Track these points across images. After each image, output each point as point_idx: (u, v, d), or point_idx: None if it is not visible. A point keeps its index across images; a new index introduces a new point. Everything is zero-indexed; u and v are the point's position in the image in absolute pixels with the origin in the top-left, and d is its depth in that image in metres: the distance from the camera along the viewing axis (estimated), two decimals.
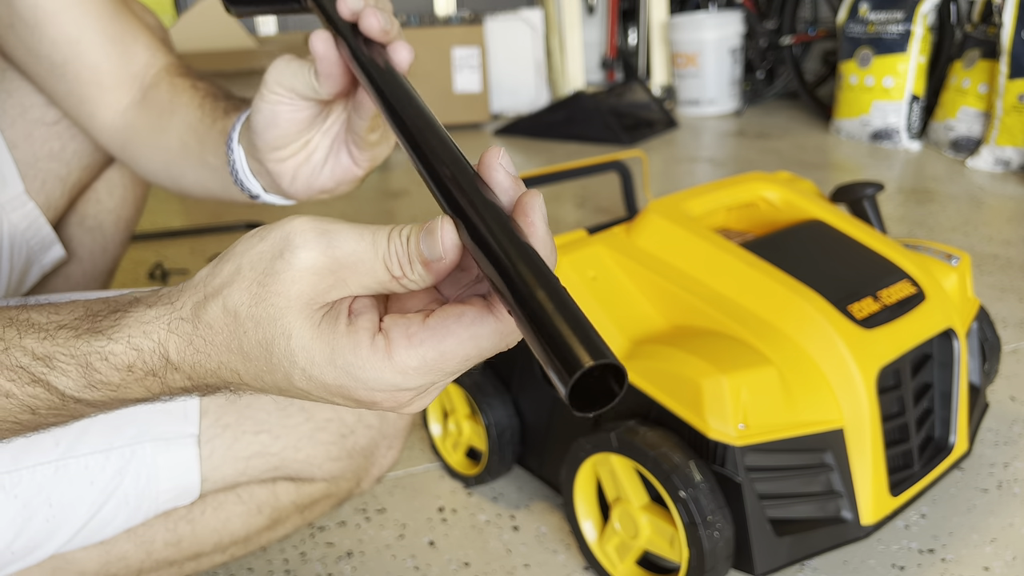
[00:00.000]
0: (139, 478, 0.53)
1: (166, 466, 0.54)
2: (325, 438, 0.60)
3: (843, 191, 0.95)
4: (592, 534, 0.76)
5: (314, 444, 0.59)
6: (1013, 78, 2.14)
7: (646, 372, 0.70)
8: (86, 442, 0.51)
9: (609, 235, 0.83)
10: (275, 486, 0.62)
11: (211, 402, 0.55)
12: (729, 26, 3.07)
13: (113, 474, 0.52)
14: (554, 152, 2.63)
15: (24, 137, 0.73)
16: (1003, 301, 1.36)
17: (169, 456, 0.54)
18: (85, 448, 0.51)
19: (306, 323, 0.30)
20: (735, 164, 2.41)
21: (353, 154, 0.50)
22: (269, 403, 0.58)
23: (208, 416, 0.55)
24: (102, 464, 0.52)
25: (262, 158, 0.50)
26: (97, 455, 0.52)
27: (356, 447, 0.61)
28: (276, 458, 0.58)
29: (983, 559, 0.77)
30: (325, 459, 0.60)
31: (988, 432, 0.98)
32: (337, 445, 0.60)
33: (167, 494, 0.55)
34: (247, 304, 0.31)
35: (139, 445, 0.53)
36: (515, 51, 3.24)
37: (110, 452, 0.52)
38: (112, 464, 0.52)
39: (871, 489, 0.68)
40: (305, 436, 0.59)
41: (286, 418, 0.58)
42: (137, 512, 0.54)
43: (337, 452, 0.60)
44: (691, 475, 0.64)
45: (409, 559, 0.80)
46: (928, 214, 1.85)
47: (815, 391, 0.68)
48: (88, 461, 0.51)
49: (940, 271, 0.83)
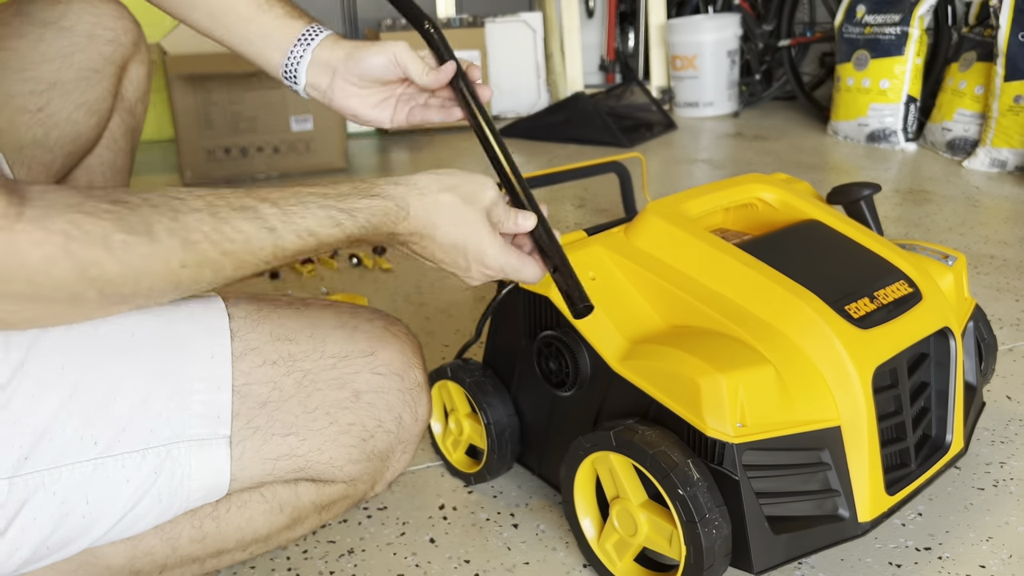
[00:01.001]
0: (173, 477, 0.55)
1: (199, 466, 0.55)
2: (347, 441, 0.61)
3: (840, 192, 0.95)
4: (591, 532, 0.76)
5: (337, 447, 0.61)
6: (1009, 80, 2.15)
7: (645, 371, 0.71)
8: (124, 442, 0.52)
9: (608, 236, 0.83)
10: (297, 486, 0.63)
11: (243, 404, 0.57)
12: (727, 28, 3.08)
13: (148, 473, 0.54)
14: (553, 153, 2.64)
15: (8, 124, 0.74)
16: (999, 301, 1.36)
17: (202, 456, 0.55)
18: (123, 447, 0.52)
19: (485, 221, 0.62)
20: (733, 165, 2.41)
21: (390, 117, 0.75)
22: (297, 407, 0.59)
23: (240, 418, 0.57)
24: (138, 463, 0.53)
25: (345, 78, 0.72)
26: (134, 454, 0.53)
27: (375, 450, 0.63)
28: (302, 460, 0.60)
29: (979, 557, 0.78)
30: (346, 461, 0.62)
31: (984, 431, 0.98)
32: (358, 448, 0.62)
33: (198, 492, 0.56)
34: (457, 201, 0.61)
35: (174, 445, 0.54)
36: (515, 54, 3.24)
37: (147, 452, 0.53)
38: (148, 463, 0.53)
39: (868, 487, 0.69)
40: (329, 439, 0.61)
41: (312, 422, 0.60)
42: (168, 510, 0.56)
43: (357, 455, 0.62)
44: (689, 473, 0.65)
45: (410, 556, 0.81)
46: (924, 215, 1.86)
47: (812, 390, 0.69)
48: (125, 460, 0.53)
49: (936, 271, 0.84)
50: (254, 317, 0.60)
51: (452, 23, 3.04)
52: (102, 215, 0.45)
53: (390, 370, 0.63)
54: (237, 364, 0.57)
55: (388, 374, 0.63)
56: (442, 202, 0.60)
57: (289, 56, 0.73)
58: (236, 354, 0.57)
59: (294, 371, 0.59)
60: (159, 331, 0.55)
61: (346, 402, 0.61)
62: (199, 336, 0.56)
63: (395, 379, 0.63)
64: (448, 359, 1.16)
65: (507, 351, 0.87)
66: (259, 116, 2.42)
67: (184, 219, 0.48)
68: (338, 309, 0.65)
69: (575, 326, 0.76)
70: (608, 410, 0.75)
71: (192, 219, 0.48)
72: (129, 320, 0.54)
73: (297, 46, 0.73)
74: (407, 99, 0.75)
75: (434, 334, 1.31)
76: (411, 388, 0.64)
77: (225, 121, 2.37)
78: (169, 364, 0.54)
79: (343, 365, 0.61)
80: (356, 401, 0.61)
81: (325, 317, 0.63)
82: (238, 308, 0.60)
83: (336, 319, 0.63)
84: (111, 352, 0.53)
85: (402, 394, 0.64)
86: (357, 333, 0.63)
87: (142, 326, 0.54)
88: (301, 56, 0.73)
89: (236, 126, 2.39)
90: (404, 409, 0.64)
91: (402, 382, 0.64)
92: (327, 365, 0.61)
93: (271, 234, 0.51)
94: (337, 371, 0.61)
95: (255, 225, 0.51)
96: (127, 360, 0.53)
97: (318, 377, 0.60)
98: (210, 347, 0.56)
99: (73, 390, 0.51)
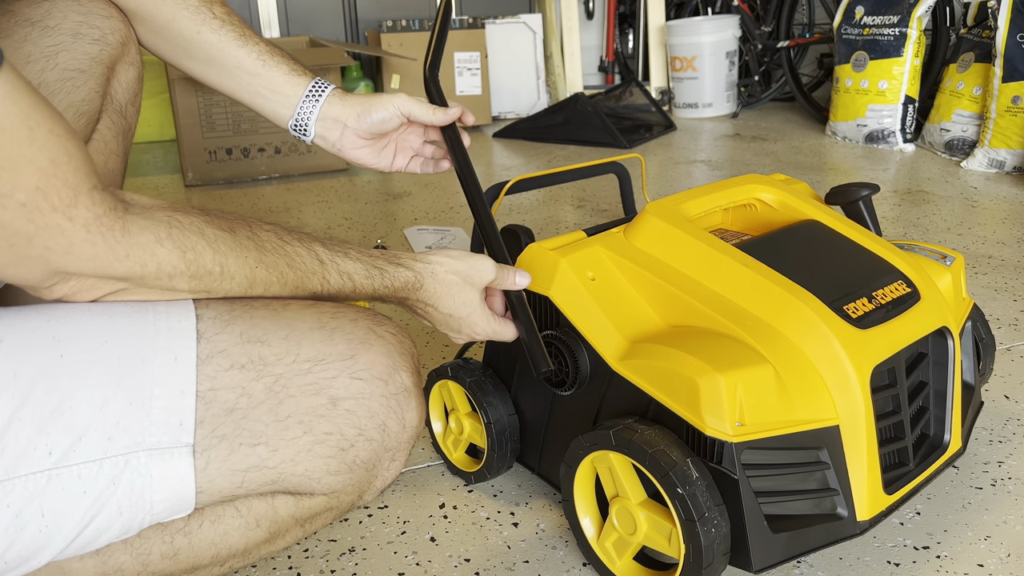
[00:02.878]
0: (132, 488, 0.52)
1: (160, 476, 0.53)
2: (324, 451, 0.58)
3: (838, 193, 0.96)
4: (591, 530, 0.77)
5: (312, 457, 0.58)
6: (1007, 81, 2.16)
7: (644, 371, 0.71)
8: (80, 451, 0.50)
9: (607, 236, 0.84)
10: (274, 499, 0.61)
11: (207, 411, 0.54)
12: (726, 30, 3.09)
13: (106, 484, 0.51)
14: (553, 154, 2.65)
15: None
16: (997, 301, 1.37)
17: (163, 466, 0.53)
18: (78, 457, 0.50)
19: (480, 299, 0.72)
20: (731, 166, 2.42)
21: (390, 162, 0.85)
22: (266, 415, 0.56)
23: (204, 426, 0.54)
24: (95, 473, 0.51)
25: (356, 131, 0.80)
26: (90, 464, 0.51)
27: (357, 460, 0.60)
28: (274, 471, 0.57)
29: (978, 556, 0.78)
30: (324, 473, 0.59)
31: (982, 430, 0.99)
32: (336, 459, 0.59)
33: (162, 505, 0.54)
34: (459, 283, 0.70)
35: (133, 455, 0.52)
36: (515, 55, 3.25)
37: (103, 462, 0.51)
38: (105, 474, 0.51)
39: (866, 486, 0.69)
40: (303, 449, 0.57)
41: (283, 431, 0.57)
42: (132, 523, 0.53)
43: (336, 466, 0.59)
44: (688, 472, 0.65)
45: (411, 555, 0.81)
46: (923, 215, 1.86)
47: (811, 389, 0.69)
48: (81, 471, 0.50)
49: (934, 271, 0.84)
50: (224, 318, 0.57)
51: (452, 24, 3.04)
52: (193, 214, 0.54)
53: (372, 374, 0.60)
54: (203, 368, 0.54)
55: (370, 379, 0.60)
56: (449, 282, 0.69)
57: (298, 111, 0.80)
58: (202, 357, 0.54)
59: (264, 376, 0.56)
60: (120, 333, 0.53)
61: (322, 409, 0.58)
62: (162, 338, 0.54)
63: (378, 384, 0.60)
64: (448, 359, 1.17)
65: (507, 351, 0.87)
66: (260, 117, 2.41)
67: (256, 230, 0.58)
68: (319, 309, 0.61)
69: (575, 326, 0.77)
70: (607, 409, 0.76)
71: (262, 232, 0.58)
72: (88, 322, 0.53)
73: (306, 102, 0.79)
74: (404, 148, 0.85)
75: (435, 334, 1.31)
76: (396, 393, 0.61)
77: (226, 122, 2.38)
78: (129, 368, 0.52)
79: (319, 369, 0.58)
80: (333, 408, 0.58)
81: (303, 318, 0.60)
82: (208, 308, 0.57)
83: (315, 320, 0.60)
84: (67, 357, 0.51)
85: (386, 399, 0.60)
86: (337, 335, 0.60)
87: (101, 328, 0.53)
88: (311, 112, 0.80)
89: (237, 127, 2.39)
90: (388, 416, 0.61)
91: (386, 387, 0.60)
92: (301, 369, 0.57)
93: (320, 266, 0.61)
94: (312, 376, 0.58)
95: (309, 253, 0.60)
96: (84, 365, 0.51)
97: (291, 382, 0.57)
98: (174, 349, 0.54)
99: (26, 397, 0.49)
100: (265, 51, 0.78)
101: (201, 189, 2.36)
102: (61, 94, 0.78)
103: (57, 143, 0.44)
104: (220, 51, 0.76)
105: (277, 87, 0.79)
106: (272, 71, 0.78)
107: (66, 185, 0.44)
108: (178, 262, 0.52)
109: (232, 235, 0.55)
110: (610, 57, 3.72)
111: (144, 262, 0.50)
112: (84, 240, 0.46)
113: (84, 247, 0.47)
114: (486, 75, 3.06)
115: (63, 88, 0.78)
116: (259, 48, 0.78)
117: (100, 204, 0.47)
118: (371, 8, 3.29)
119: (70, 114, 0.79)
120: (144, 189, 2.38)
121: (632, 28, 3.66)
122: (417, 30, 2.99)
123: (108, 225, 0.47)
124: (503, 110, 3.26)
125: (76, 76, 0.78)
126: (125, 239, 0.48)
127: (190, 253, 0.52)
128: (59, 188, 0.44)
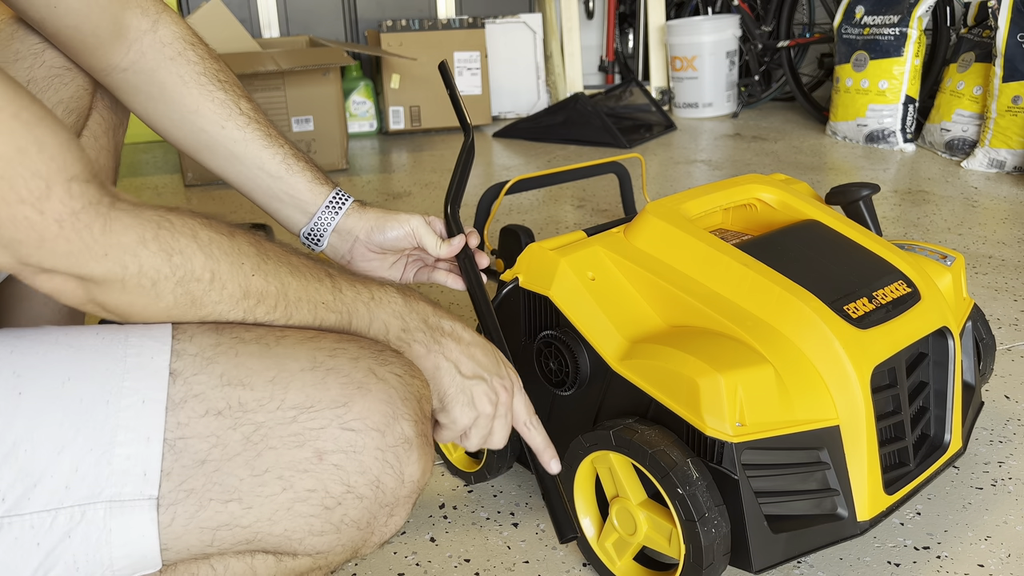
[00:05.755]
0: (88, 542, 0.48)
1: (119, 530, 0.48)
2: (306, 510, 0.52)
3: (839, 193, 0.96)
4: (591, 531, 0.76)
5: (292, 517, 0.52)
6: (1007, 81, 2.15)
7: (644, 371, 0.71)
8: (34, 500, 0.47)
9: (607, 236, 0.84)
10: (252, 559, 0.55)
11: (176, 462, 0.49)
12: (726, 30, 3.09)
13: (61, 536, 0.47)
14: (553, 154, 2.65)
15: None
16: (998, 301, 1.37)
17: (122, 520, 0.48)
18: (32, 506, 0.47)
19: None
20: (732, 166, 2.42)
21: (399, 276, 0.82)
22: (242, 468, 0.51)
23: (171, 479, 0.49)
24: (49, 524, 0.47)
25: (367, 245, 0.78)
26: (44, 514, 0.47)
27: (346, 520, 0.54)
28: (248, 531, 0.51)
29: (978, 556, 0.78)
30: (307, 533, 0.53)
31: (983, 431, 0.99)
32: (321, 518, 0.53)
33: (122, 561, 0.49)
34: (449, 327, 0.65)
35: (90, 506, 0.48)
36: (515, 55, 3.25)
37: (58, 512, 0.47)
38: (60, 525, 0.47)
39: (867, 486, 0.69)
40: (282, 507, 0.52)
41: (260, 486, 0.51)
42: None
43: (321, 526, 0.53)
44: (688, 472, 0.65)
45: (410, 555, 0.81)
46: (923, 215, 1.86)
47: (811, 389, 0.69)
48: (34, 520, 0.47)
49: (935, 271, 0.84)
50: (207, 355, 0.52)
51: (452, 24, 3.04)
52: (189, 216, 0.51)
53: (367, 424, 0.53)
54: (175, 413, 0.49)
55: (363, 429, 0.53)
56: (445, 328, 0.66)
57: (315, 221, 0.78)
58: (175, 400, 0.50)
59: (243, 424, 0.51)
60: (84, 371, 0.49)
61: (305, 463, 0.52)
62: (131, 377, 0.49)
63: (373, 435, 0.53)
64: None
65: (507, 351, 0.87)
66: None
67: (263, 242, 0.56)
68: (317, 345, 0.55)
69: (575, 326, 0.77)
70: (607, 409, 0.76)
71: (269, 243, 0.56)
72: (51, 355, 0.50)
73: (325, 212, 0.77)
74: (415, 261, 0.83)
75: None
76: (395, 445, 0.54)
77: None
78: (91, 410, 0.48)
79: (305, 418, 0.52)
80: (319, 463, 0.52)
81: (296, 356, 0.53)
82: (190, 343, 0.52)
83: (309, 359, 0.54)
84: (26, 395, 0.47)
85: (381, 453, 0.53)
86: (331, 377, 0.53)
87: (65, 364, 0.49)
88: (329, 223, 0.78)
89: None
90: (384, 471, 0.53)
91: (382, 439, 0.53)
92: (286, 418, 0.51)
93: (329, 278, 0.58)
94: (297, 425, 0.52)
95: (317, 265, 0.58)
96: (43, 404, 0.47)
97: (271, 432, 0.51)
98: (141, 391, 0.49)
99: None
100: (290, 155, 0.77)
101: (201, 189, 2.36)
102: (50, 91, 0.77)
103: (24, 129, 0.41)
104: (244, 149, 0.74)
105: (298, 193, 0.77)
106: (295, 177, 0.76)
107: (36, 176, 0.42)
108: (163, 266, 0.48)
109: (231, 239, 0.52)
110: (610, 57, 3.72)
111: (125, 263, 0.47)
112: (57, 236, 0.44)
113: (58, 242, 0.44)
114: (486, 75, 3.06)
115: (51, 85, 0.77)
116: (284, 151, 0.76)
117: (79, 198, 0.44)
118: (371, 8, 3.29)
119: (59, 111, 0.78)
120: (143, 189, 2.38)
121: (632, 28, 3.66)
122: (417, 30, 2.99)
123: (86, 222, 0.44)
124: (503, 110, 3.26)
125: (63, 73, 0.77)
126: (104, 238, 0.45)
127: (177, 257, 0.49)
128: (27, 179, 0.42)
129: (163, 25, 0.69)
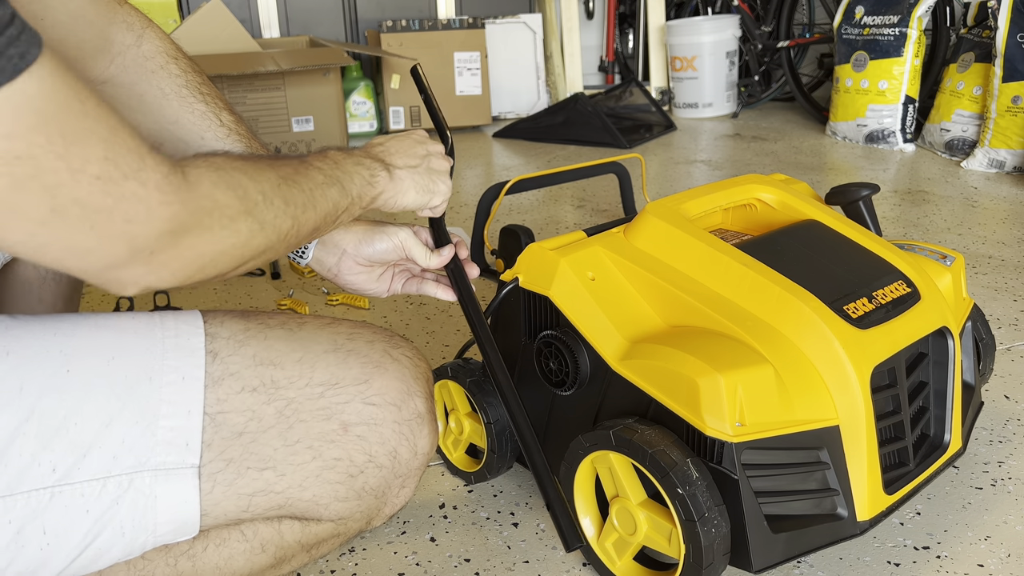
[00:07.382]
0: (135, 508, 0.51)
1: (164, 497, 0.52)
2: (333, 477, 0.57)
3: (839, 193, 0.96)
4: (591, 530, 0.76)
5: (321, 483, 0.57)
6: (1007, 81, 2.16)
7: (644, 371, 0.71)
8: (83, 469, 0.49)
9: (607, 236, 0.84)
10: (280, 524, 0.60)
11: (216, 434, 0.53)
12: (726, 30, 3.09)
13: (110, 503, 0.50)
14: (553, 154, 2.65)
15: None
16: (997, 301, 1.37)
17: (168, 487, 0.52)
18: (82, 475, 0.49)
19: None
20: (731, 166, 2.42)
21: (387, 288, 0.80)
22: (276, 439, 0.55)
23: (211, 449, 0.53)
24: (98, 492, 0.50)
25: (354, 258, 0.76)
26: (94, 483, 0.50)
27: (366, 487, 0.59)
28: (281, 496, 0.56)
29: (978, 556, 0.78)
30: (332, 499, 0.58)
31: (982, 430, 0.99)
32: (345, 485, 0.58)
33: (165, 527, 0.53)
34: None
35: (137, 474, 0.51)
36: (515, 55, 3.25)
37: (107, 480, 0.50)
38: (109, 492, 0.50)
39: (866, 486, 0.69)
40: (312, 475, 0.57)
41: (292, 455, 0.56)
42: (134, 544, 0.52)
43: (345, 492, 0.58)
44: (688, 472, 0.65)
45: (411, 555, 0.81)
46: (923, 215, 1.86)
47: (810, 389, 0.69)
48: (84, 488, 0.49)
49: (934, 271, 0.84)
50: (239, 338, 0.56)
51: (452, 24, 3.04)
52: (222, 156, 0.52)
53: (385, 400, 0.59)
54: (214, 390, 0.54)
55: (383, 404, 0.59)
56: None
57: None
58: (214, 378, 0.54)
59: (276, 399, 0.56)
60: (128, 350, 0.52)
61: (332, 435, 0.57)
62: (170, 356, 0.53)
63: (391, 410, 0.59)
64: (449, 359, 1.17)
65: (507, 351, 0.87)
66: (261, 116, 2.42)
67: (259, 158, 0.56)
68: (335, 330, 0.61)
69: (575, 326, 0.77)
70: (607, 409, 0.76)
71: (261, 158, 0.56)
72: (96, 337, 0.52)
73: None
74: (402, 272, 0.82)
75: (435, 334, 1.31)
76: (409, 419, 0.60)
77: None
78: (136, 386, 0.51)
79: (332, 394, 0.57)
80: (344, 434, 0.57)
81: (319, 339, 0.59)
82: (222, 327, 0.56)
83: (330, 341, 0.59)
84: (74, 372, 0.50)
85: (398, 426, 0.59)
86: (351, 358, 0.59)
87: (110, 344, 0.52)
88: None
89: None
90: (400, 443, 0.60)
91: (399, 413, 0.59)
92: (314, 394, 0.57)
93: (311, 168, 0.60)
94: (325, 400, 0.57)
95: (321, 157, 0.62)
96: (91, 381, 0.50)
97: (302, 407, 0.56)
98: (181, 368, 0.53)
99: (31, 412, 0.48)
100: None
101: None
102: None
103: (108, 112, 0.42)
104: None
105: None
106: None
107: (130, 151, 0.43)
108: (233, 200, 0.50)
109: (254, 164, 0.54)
110: (610, 57, 3.72)
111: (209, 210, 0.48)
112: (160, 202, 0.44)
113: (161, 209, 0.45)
114: (486, 75, 3.06)
115: None
116: None
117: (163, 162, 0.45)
118: (371, 8, 3.29)
119: None
120: None
121: (632, 28, 3.67)
122: (417, 30, 2.99)
123: (176, 183, 0.45)
124: (503, 110, 3.26)
125: None
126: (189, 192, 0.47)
127: (239, 189, 0.51)
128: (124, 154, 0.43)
129: (147, 40, 0.69)
